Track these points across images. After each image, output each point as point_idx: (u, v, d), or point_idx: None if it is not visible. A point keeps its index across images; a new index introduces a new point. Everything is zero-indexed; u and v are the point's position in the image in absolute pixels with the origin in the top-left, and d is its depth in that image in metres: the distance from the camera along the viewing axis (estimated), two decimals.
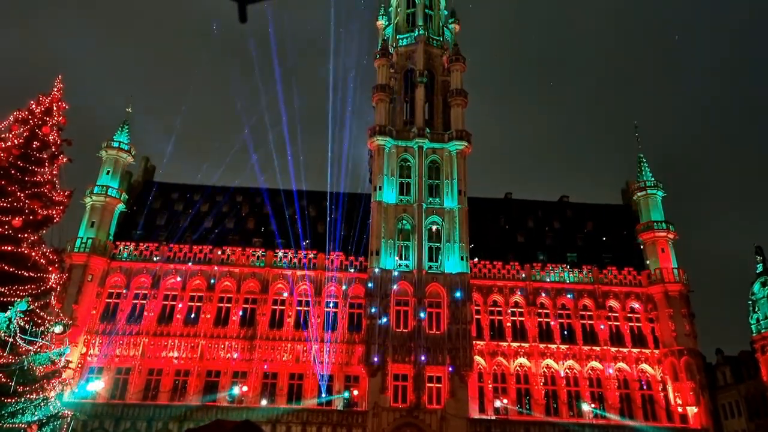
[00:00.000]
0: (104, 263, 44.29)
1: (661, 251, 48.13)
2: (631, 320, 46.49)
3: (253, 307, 44.17)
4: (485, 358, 43.57)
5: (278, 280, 44.93)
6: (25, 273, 23.26)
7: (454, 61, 51.92)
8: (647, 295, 46.91)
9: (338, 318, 43.88)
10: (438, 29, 55.19)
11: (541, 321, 45.65)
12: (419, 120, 49.78)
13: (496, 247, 49.46)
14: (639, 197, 51.38)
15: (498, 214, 53.45)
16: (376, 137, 47.96)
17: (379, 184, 46.74)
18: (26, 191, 24.17)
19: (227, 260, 45.31)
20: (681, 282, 46.49)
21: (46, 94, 26.36)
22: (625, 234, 52.19)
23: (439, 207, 46.78)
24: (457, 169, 47.62)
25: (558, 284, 46.71)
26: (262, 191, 53.05)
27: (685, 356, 43.97)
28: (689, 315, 45.92)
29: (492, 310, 45.69)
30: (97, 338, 42.05)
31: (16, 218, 23.29)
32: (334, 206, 50.97)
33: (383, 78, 50.71)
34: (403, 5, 55.53)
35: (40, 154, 25.27)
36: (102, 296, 43.64)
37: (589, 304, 46.45)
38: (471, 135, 48.92)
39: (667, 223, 49.14)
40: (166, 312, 43.68)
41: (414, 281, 44.05)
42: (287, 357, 42.36)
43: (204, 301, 43.96)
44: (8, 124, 24.94)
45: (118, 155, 48.13)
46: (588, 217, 54.04)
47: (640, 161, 53.02)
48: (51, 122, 25.90)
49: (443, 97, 51.96)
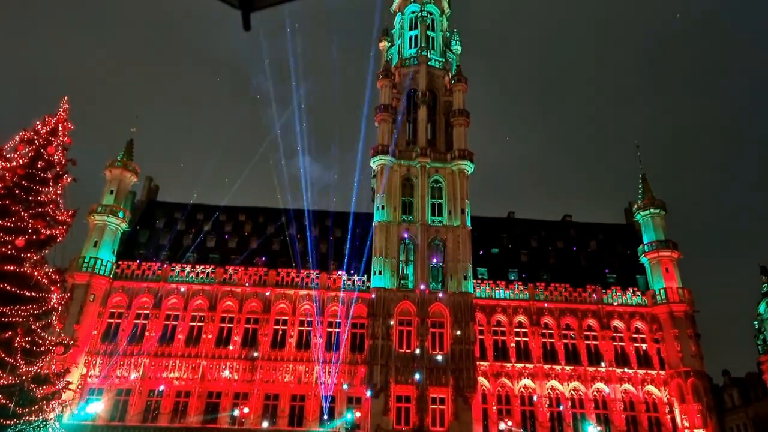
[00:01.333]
0: (106, 283, 44.16)
1: (666, 271, 47.88)
2: (636, 341, 46.07)
3: (255, 327, 43.89)
4: (489, 379, 43.10)
5: (280, 299, 44.72)
6: (27, 293, 23.17)
7: (456, 82, 52.35)
8: (652, 315, 46.55)
9: (341, 338, 43.56)
10: (440, 51, 55.74)
11: (546, 341, 45.26)
12: (422, 140, 50.02)
13: (500, 266, 49.28)
14: (642, 217, 51.29)
15: (501, 233, 53.36)
16: (378, 157, 48.13)
17: (381, 203, 46.77)
18: (30, 211, 24.19)
19: (229, 280, 45.16)
20: (686, 302, 46.16)
21: (51, 114, 26.55)
22: (628, 254, 52.00)
23: (441, 226, 46.72)
24: (460, 189, 47.67)
25: (562, 304, 46.39)
26: (265, 210, 53.16)
27: (691, 378, 43.46)
28: (695, 335, 45.51)
29: (495, 330, 45.33)
30: (98, 359, 41.72)
31: (19, 238, 23.28)
32: (337, 225, 51.01)
33: (386, 98, 51.08)
34: (405, 27, 56.18)
35: (45, 174, 25.35)
36: (104, 316, 43.43)
37: (593, 324, 46.08)
38: (473, 154, 49.11)
39: (670, 243, 48.96)
40: (167, 332, 43.41)
41: (417, 301, 43.80)
42: (289, 378, 41.94)
43: (206, 321, 43.71)
44: (14, 144, 25.09)
45: (122, 175, 48.31)
46: (591, 236, 53.93)
47: (642, 181, 53.06)
48: (56, 142, 26.03)
49: (445, 117, 52.27)
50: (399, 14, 57.31)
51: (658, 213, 50.71)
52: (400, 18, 57.06)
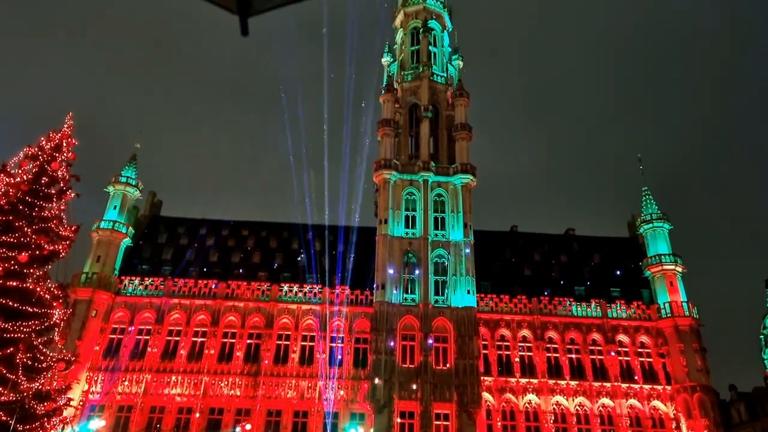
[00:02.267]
0: (109, 298, 44.11)
1: (670, 284, 47.61)
2: (641, 355, 45.69)
3: (257, 342, 43.70)
4: (493, 394, 42.72)
5: (283, 314, 44.57)
6: (29, 308, 23.12)
7: (458, 96, 52.60)
8: (657, 330, 46.20)
9: (343, 353, 43.32)
10: (442, 65, 56.09)
11: (550, 356, 44.92)
12: (424, 154, 50.14)
13: (503, 280, 49.08)
14: (645, 230, 51.14)
15: (504, 247, 53.23)
16: (381, 171, 48.23)
17: (384, 217, 46.76)
18: (33, 226, 24.24)
19: (232, 295, 45.07)
20: (691, 316, 45.83)
21: (56, 130, 26.71)
22: (632, 267, 51.76)
23: (444, 240, 46.62)
24: (463, 203, 47.66)
25: (566, 318, 46.12)
26: (268, 225, 53.21)
27: (698, 392, 43.00)
28: (701, 350, 45.12)
29: (500, 345, 45.03)
30: (100, 375, 41.53)
31: (22, 253, 23.29)
32: (340, 240, 50.97)
33: (388, 113, 51.33)
34: (407, 43, 56.62)
35: (49, 190, 25.44)
36: (105, 332, 43.31)
37: (598, 338, 45.75)
38: (476, 168, 49.18)
39: (674, 256, 48.74)
40: (169, 348, 43.24)
41: (420, 315, 43.58)
42: (292, 394, 41.64)
43: (208, 336, 43.54)
44: (18, 160, 25.22)
45: (125, 190, 48.49)
46: (594, 250, 53.74)
47: (645, 194, 53.00)
48: (60, 158, 26.15)
49: (448, 131, 52.42)
50: (401, 30, 57.81)
51: (661, 226, 50.56)
52: (402, 34, 57.54)
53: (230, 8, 1.81)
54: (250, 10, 1.81)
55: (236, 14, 1.77)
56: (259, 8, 1.83)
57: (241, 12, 1.78)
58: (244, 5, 1.79)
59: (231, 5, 1.80)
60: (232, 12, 1.79)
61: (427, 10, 56.68)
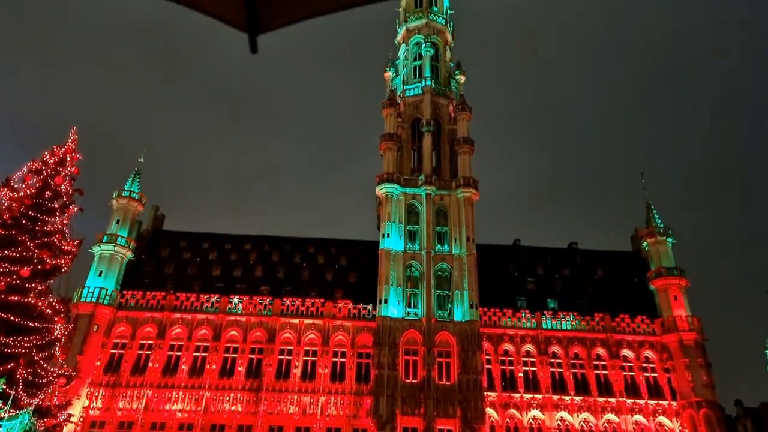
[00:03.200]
0: (110, 313, 43.97)
1: (674, 298, 47.34)
2: (646, 370, 45.29)
3: (259, 357, 43.44)
4: (497, 410, 42.29)
5: (285, 329, 44.35)
6: (30, 323, 23.06)
7: (461, 111, 52.80)
8: (662, 344, 45.84)
9: (346, 368, 43.03)
10: (444, 80, 56.40)
11: (554, 371, 44.54)
12: (427, 167, 50.21)
13: (506, 294, 48.85)
14: (649, 244, 51.00)
15: (507, 261, 53.05)
16: (384, 185, 48.26)
17: (387, 231, 46.70)
18: (36, 241, 24.26)
19: (234, 309, 44.90)
20: (696, 330, 45.49)
21: (60, 145, 26.83)
22: (636, 281, 51.50)
23: (447, 254, 46.50)
24: (465, 216, 47.61)
25: (570, 333, 45.80)
26: (270, 239, 53.15)
27: (704, 408, 42.53)
28: (706, 365, 44.72)
29: (503, 360, 44.70)
30: (101, 390, 41.26)
31: (24, 268, 23.27)
32: (342, 254, 50.91)
33: (391, 127, 51.52)
34: (410, 58, 57.00)
35: (52, 204, 25.50)
36: (107, 347, 43.11)
37: (602, 353, 45.39)
38: (478, 182, 49.20)
39: (678, 270, 48.52)
40: (170, 363, 42.99)
41: (423, 330, 43.32)
42: (294, 410, 41.27)
43: (210, 351, 43.31)
44: (22, 174, 25.30)
45: (128, 204, 48.55)
46: (598, 263, 53.52)
47: (649, 207, 52.92)
48: (64, 172, 26.25)
49: (450, 145, 52.55)
50: (403, 45, 58.23)
51: (664, 240, 50.41)
52: (404, 49, 57.95)
53: (240, 26, 1.79)
54: (260, 28, 1.80)
55: (246, 32, 1.75)
56: (269, 26, 1.81)
57: (251, 30, 1.76)
58: (254, 23, 1.77)
59: (240, 23, 1.78)
60: (242, 30, 1.78)
61: (429, 25, 57.11)
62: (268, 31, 1.80)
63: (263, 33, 1.80)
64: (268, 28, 1.81)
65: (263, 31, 1.80)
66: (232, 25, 1.81)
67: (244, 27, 1.79)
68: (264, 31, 1.80)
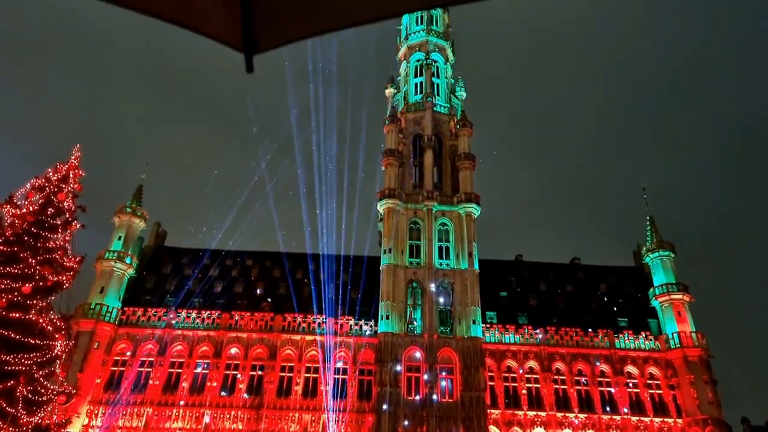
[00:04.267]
0: (111, 330, 43.82)
1: (678, 314, 47.04)
2: (651, 387, 44.85)
3: (260, 374, 43.17)
4: (501, 428, 41.83)
5: (287, 345, 44.13)
6: (31, 341, 22.95)
7: (462, 127, 53.06)
8: (666, 361, 45.45)
9: (348, 385, 42.70)
10: (445, 96, 56.76)
11: (558, 388, 44.15)
12: (428, 183, 50.31)
13: (508, 310, 48.65)
14: (651, 259, 50.83)
15: (509, 276, 52.91)
16: (385, 200, 48.34)
17: (388, 246, 46.65)
18: (38, 257, 24.24)
19: (235, 325, 44.73)
20: (700, 346, 45.13)
21: (63, 162, 26.95)
22: (639, 297, 51.27)
23: (449, 270, 46.39)
24: (467, 232, 47.58)
25: (573, 349, 45.47)
26: (272, 255, 53.10)
27: (710, 426, 42.01)
28: (711, 381, 44.27)
29: (506, 377, 44.33)
30: (101, 408, 40.96)
31: (26, 285, 23.23)
32: (344, 270, 50.76)
33: (392, 143, 51.74)
34: (411, 74, 57.45)
35: (54, 221, 25.51)
36: (107, 364, 42.89)
37: (606, 369, 45.01)
38: (480, 197, 49.25)
39: (681, 286, 48.28)
40: (171, 380, 42.74)
41: (425, 346, 43.05)
42: (295, 427, 40.88)
43: (211, 368, 43.06)
44: (25, 191, 25.39)
45: (130, 221, 48.65)
46: (600, 279, 53.34)
47: (650, 223, 52.84)
48: (67, 189, 26.31)
49: (451, 160, 52.72)
50: (404, 62, 58.73)
51: (667, 255, 50.25)
52: (405, 66, 58.44)
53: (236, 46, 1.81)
54: (256, 47, 1.82)
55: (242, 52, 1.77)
56: (265, 46, 1.83)
57: (247, 50, 1.78)
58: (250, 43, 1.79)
59: (237, 43, 1.80)
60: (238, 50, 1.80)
61: (430, 43, 57.65)
62: (264, 51, 1.82)
63: (260, 53, 1.82)
64: (265, 48, 1.83)
65: (260, 50, 1.82)
66: (229, 45, 1.83)
67: (240, 47, 1.81)
68: (260, 51, 1.82)
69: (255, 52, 1.82)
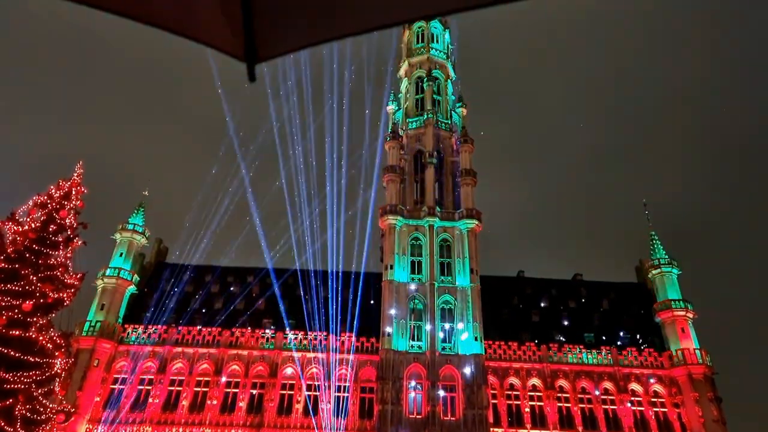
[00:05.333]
0: (111, 347, 43.57)
1: (681, 331, 46.70)
2: (655, 405, 44.35)
3: (261, 392, 42.79)
4: None
5: (287, 363, 43.81)
6: (30, 358, 22.82)
7: (463, 143, 53.25)
8: (670, 378, 45.01)
9: (349, 403, 42.28)
10: (446, 113, 57.06)
11: (561, 406, 43.67)
12: (429, 199, 50.35)
13: (511, 327, 48.33)
14: (654, 275, 50.61)
15: (511, 292, 52.68)
16: (387, 216, 48.33)
17: (390, 263, 46.53)
18: (39, 274, 24.20)
19: (236, 343, 44.47)
20: (704, 363, 44.72)
21: (66, 178, 27.03)
22: (642, 313, 50.94)
23: (451, 286, 46.20)
24: (469, 248, 47.48)
25: (577, 366, 45.06)
26: (273, 272, 52.91)
27: None
28: (716, 399, 43.79)
29: (509, 394, 43.89)
30: (100, 427, 40.55)
31: (26, 302, 23.16)
32: (345, 286, 50.54)
33: (393, 159, 51.90)
34: (412, 91, 57.84)
35: (56, 238, 25.51)
36: (107, 382, 42.57)
37: (610, 387, 44.56)
38: (481, 213, 49.24)
39: (685, 302, 47.99)
40: (171, 398, 42.36)
41: (427, 363, 42.71)
42: None
43: (211, 386, 42.70)
44: (27, 208, 25.42)
45: (132, 237, 48.65)
46: (603, 295, 53.07)
47: (653, 239, 52.70)
48: (69, 206, 26.35)
49: (453, 176, 52.82)
50: (405, 79, 59.16)
51: (669, 271, 50.03)
52: (406, 83, 58.86)
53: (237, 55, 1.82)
54: (258, 56, 1.82)
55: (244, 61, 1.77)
56: (267, 55, 1.84)
57: (249, 58, 1.78)
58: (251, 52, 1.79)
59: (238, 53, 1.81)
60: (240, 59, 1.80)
61: (430, 60, 58.12)
62: (267, 60, 1.83)
63: (262, 62, 1.83)
64: (267, 57, 1.84)
65: (262, 59, 1.83)
66: (230, 55, 1.84)
67: (242, 56, 1.81)
68: (263, 60, 1.82)
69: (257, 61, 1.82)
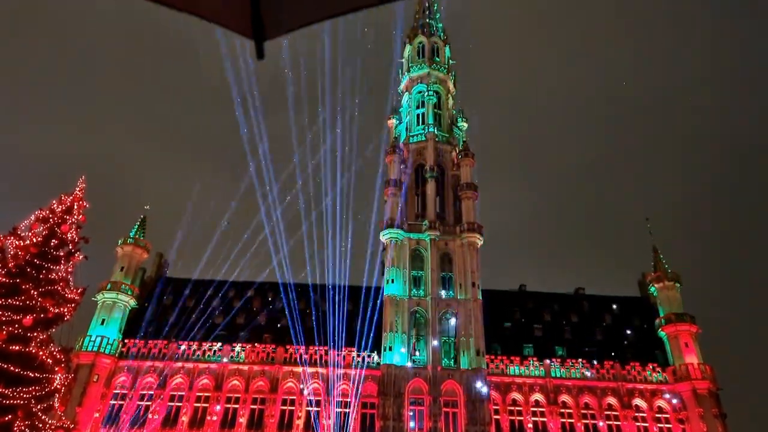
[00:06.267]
0: (111, 363, 43.30)
1: (685, 345, 46.33)
2: (659, 420, 43.87)
3: (261, 407, 42.41)
4: None
5: (288, 378, 43.49)
6: (30, 374, 22.64)
7: (464, 157, 53.39)
8: (675, 394, 44.55)
9: (350, 419, 41.87)
10: (447, 127, 57.33)
11: (565, 422, 43.22)
12: (431, 213, 50.36)
13: (513, 341, 48.01)
14: (657, 289, 50.36)
15: (513, 307, 52.42)
16: (388, 230, 48.30)
17: (391, 277, 46.40)
18: (40, 289, 24.10)
19: (236, 357, 44.19)
20: (709, 379, 44.31)
21: (68, 193, 27.05)
22: (645, 327, 50.62)
23: (452, 300, 45.99)
24: (470, 262, 47.34)
25: (580, 381, 44.67)
26: (274, 286, 52.74)
27: None
28: (721, 415, 43.33)
29: (512, 410, 43.45)
30: None
31: (27, 317, 23.04)
32: (346, 300, 50.31)
33: (395, 173, 52.01)
34: (413, 106, 58.18)
35: (57, 252, 25.45)
36: (107, 398, 42.24)
37: (614, 403, 44.12)
38: (482, 227, 49.18)
39: (688, 316, 47.68)
40: (171, 414, 41.99)
41: (429, 378, 42.37)
42: None
43: (211, 401, 42.36)
44: (29, 222, 25.41)
45: (133, 252, 48.60)
46: (605, 309, 52.79)
47: (655, 253, 52.56)
48: (71, 220, 26.32)
49: (454, 190, 52.89)
50: (407, 94, 59.54)
51: (672, 285, 49.79)
52: (407, 97, 59.22)
53: (245, 33, 1.83)
54: (265, 34, 1.83)
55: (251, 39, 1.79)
56: (275, 32, 1.85)
57: (256, 36, 1.80)
58: (259, 30, 1.81)
59: (246, 31, 1.82)
60: (248, 37, 1.82)
61: (431, 74, 58.51)
62: (275, 37, 1.84)
63: (270, 39, 1.84)
64: (275, 34, 1.85)
65: (270, 37, 1.84)
66: (238, 32, 1.85)
67: (249, 33, 1.83)
68: (271, 37, 1.83)
69: (265, 38, 1.83)
